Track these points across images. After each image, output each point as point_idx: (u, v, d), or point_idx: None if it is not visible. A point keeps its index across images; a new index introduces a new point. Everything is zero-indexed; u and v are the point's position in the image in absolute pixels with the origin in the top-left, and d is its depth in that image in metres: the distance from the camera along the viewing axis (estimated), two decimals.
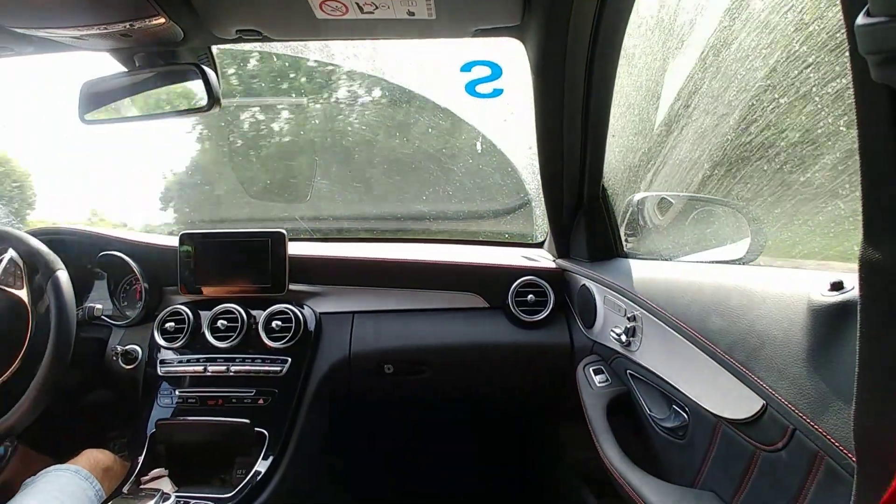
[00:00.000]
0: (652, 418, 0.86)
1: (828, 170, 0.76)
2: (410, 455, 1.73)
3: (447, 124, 1.65)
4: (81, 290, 1.33)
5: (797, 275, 0.64)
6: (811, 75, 0.76)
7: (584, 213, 1.20)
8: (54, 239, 1.16)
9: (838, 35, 0.69)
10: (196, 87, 0.97)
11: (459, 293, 1.34)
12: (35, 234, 1.15)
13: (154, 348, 1.23)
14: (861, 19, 0.28)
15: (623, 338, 0.95)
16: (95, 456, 1.04)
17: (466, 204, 1.71)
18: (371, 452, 1.67)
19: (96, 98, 1.00)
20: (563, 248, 1.36)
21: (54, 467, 0.93)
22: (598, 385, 1.06)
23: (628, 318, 0.94)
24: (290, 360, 1.19)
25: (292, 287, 1.28)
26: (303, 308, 1.26)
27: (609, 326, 1.03)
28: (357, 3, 0.81)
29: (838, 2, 0.32)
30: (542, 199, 1.26)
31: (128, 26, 0.80)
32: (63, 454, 1.02)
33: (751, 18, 0.89)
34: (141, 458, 1.10)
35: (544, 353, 1.26)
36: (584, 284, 1.17)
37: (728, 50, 0.94)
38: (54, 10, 0.79)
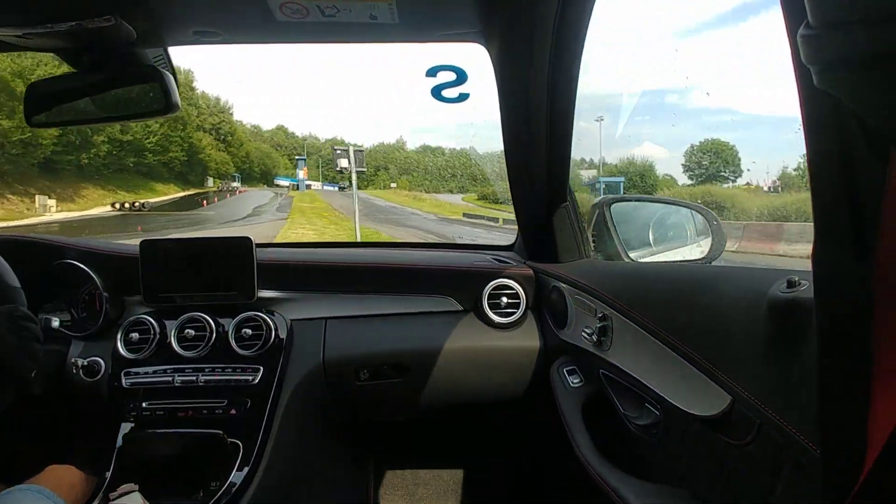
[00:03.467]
0: (626, 417, 0.87)
1: None
2: (388, 459, 1.71)
3: None
4: (37, 301, 1.26)
5: (756, 273, 0.66)
6: None
7: (552, 215, 1.22)
8: (8, 248, 1.10)
9: None
10: (152, 89, 0.93)
11: (432, 297, 1.33)
12: None
13: (118, 360, 1.17)
14: (802, 30, 0.29)
15: (594, 338, 0.96)
16: (60, 473, 0.98)
17: None
18: (348, 459, 1.64)
19: (44, 100, 0.95)
20: (533, 251, 1.37)
21: (17, 487, 0.88)
22: (572, 385, 1.07)
23: (599, 318, 0.95)
24: (262, 368, 1.16)
25: (262, 294, 1.25)
26: (273, 315, 1.23)
27: (580, 327, 1.04)
28: (318, 6, 0.79)
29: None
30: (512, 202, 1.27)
31: (75, 26, 0.76)
32: (23, 473, 0.96)
33: None
34: (109, 474, 1.05)
35: (518, 355, 1.26)
36: (554, 286, 1.18)
37: None
38: None
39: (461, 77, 0.94)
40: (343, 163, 11.90)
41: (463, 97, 0.96)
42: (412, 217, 21.68)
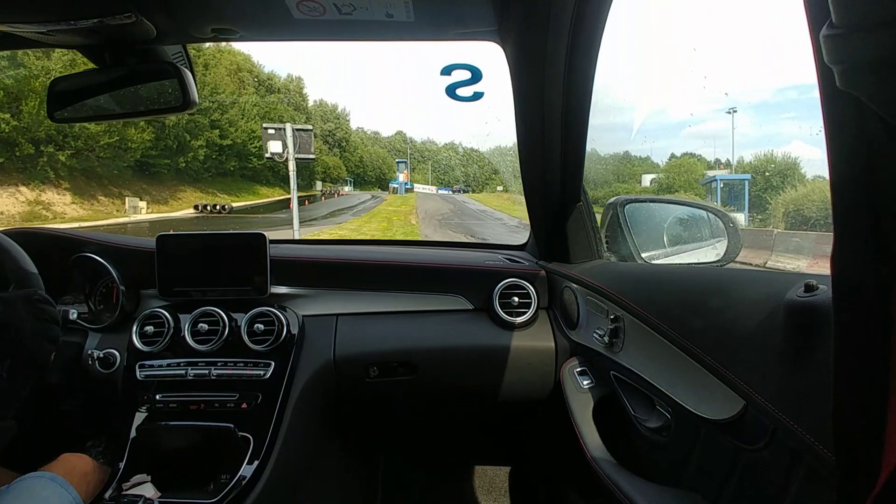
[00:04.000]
0: (636, 419, 0.86)
1: None
2: (397, 457, 1.72)
3: None
4: (55, 293, 1.29)
5: (773, 276, 0.65)
6: None
7: (566, 215, 1.21)
8: (28, 240, 1.12)
9: None
10: (171, 85, 0.95)
11: (443, 295, 1.34)
12: (8, 234, 1.11)
13: (133, 352, 1.19)
14: (825, 30, 0.28)
15: (606, 339, 0.96)
16: (73, 462, 1.00)
17: None
18: (358, 455, 1.65)
19: (66, 96, 0.97)
20: (545, 251, 1.36)
21: (30, 474, 0.89)
22: (583, 386, 1.06)
23: (611, 320, 0.95)
24: (273, 363, 1.17)
25: (275, 290, 1.27)
26: (286, 311, 1.24)
27: (592, 328, 1.04)
28: (335, 4, 0.80)
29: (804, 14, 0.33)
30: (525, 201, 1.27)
31: (97, 22, 0.78)
32: (38, 462, 0.98)
33: None
34: (122, 464, 1.07)
35: (528, 355, 1.26)
36: (566, 286, 1.18)
37: None
38: (19, 4, 0.76)
39: (476, 75, 0.94)
40: (274, 147, 8.49)
41: (477, 96, 0.96)
42: (490, 222, 20.81)
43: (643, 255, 1.18)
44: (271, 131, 8.74)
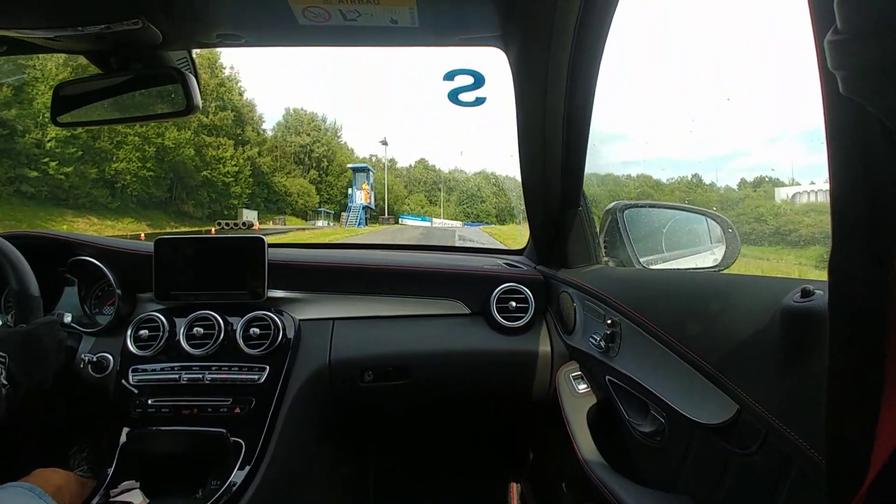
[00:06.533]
0: (630, 423, 0.87)
1: None
2: (392, 462, 1.71)
3: None
4: (50, 297, 1.29)
5: (770, 282, 0.65)
6: None
7: (565, 220, 1.22)
8: (23, 243, 1.12)
9: None
10: (175, 90, 0.96)
11: (441, 300, 1.34)
12: (5, 237, 1.11)
13: (126, 356, 1.18)
14: (829, 36, 0.29)
15: (602, 344, 0.96)
16: (45, 475, 0.99)
17: None
18: (352, 460, 1.64)
19: (70, 100, 0.98)
20: (543, 256, 1.37)
21: (9, 484, 0.89)
22: (579, 391, 1.07)
23: (607, 325, 0.95)
24: (268, 367, 1.16)
25: (271, 294, 1.26)
26: (282, 315, 1.24)
27: (588, 333, 1.04)
28: (340, 10, 0.81)
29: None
30: (524, 206, 1.28)
31: (104, 28, 0.79)
32: (24, 466, 0.98)
33: None
34: (111, 471, 1.06)
35: (525, 360, 1.26)
36: (564, 291, 1.18)
37: None
38: (27, 10, 0.77)
39: (478, 80, 0.95)
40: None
41: (479, 101, 0.97)
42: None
43: (641, 260, 1.19)
44: None
